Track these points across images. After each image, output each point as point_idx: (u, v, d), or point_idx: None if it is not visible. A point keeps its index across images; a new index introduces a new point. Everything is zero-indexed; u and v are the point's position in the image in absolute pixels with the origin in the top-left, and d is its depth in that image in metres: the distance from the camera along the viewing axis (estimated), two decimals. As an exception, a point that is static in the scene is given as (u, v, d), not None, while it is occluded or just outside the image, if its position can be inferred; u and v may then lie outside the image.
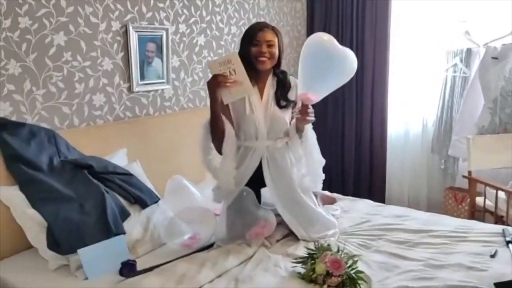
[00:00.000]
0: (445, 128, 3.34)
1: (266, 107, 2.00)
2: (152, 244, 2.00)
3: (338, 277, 1.59)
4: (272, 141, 2.01)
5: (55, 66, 2.18)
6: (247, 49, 1.97)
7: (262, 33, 1.97)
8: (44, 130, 2.07)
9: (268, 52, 1.95)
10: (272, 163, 2.01)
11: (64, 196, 1.88)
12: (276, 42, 1.98)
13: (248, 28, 2.05)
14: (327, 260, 1.61)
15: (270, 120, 1.99)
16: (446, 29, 3.32)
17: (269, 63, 1.98)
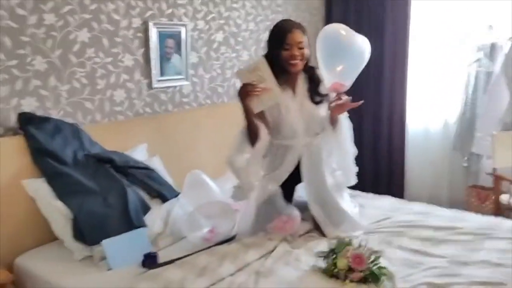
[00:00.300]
0: (468, 125, 3.27)
1: (301, 105, 2.00)
2: (173, 238, 2.02)
3: (360, 272, 1.58)
4: (310, 138, 2.01)
5: (79, 62, 2.22)
6: (278, 53, 1.94)
7: (292, 35, 1.92)
8: (68, 125, 2.11)
9: (300, 54, 1.94)
10: (309, 160, 2.01)
11: (88, 189, 1.92)
12: (306, 42, 1.96)
13: (276, 29, 2.00)
14: (349, 255, 1.60)
15: (306, 118, 1.99)
16: (470, 23, 3.25)
17: (301, 65, 1.97)
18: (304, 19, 3.65)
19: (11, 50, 1.97)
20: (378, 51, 3.55)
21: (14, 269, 1.87)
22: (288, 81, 2.01)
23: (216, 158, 2.81)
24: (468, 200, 3.28)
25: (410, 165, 3.56)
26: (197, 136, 2.75)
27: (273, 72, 1.87)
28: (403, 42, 3.42)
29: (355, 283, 1.58)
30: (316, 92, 2.02)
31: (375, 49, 3.56)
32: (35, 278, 1.79)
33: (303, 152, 2.01)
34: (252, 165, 1.95)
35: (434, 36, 3.39)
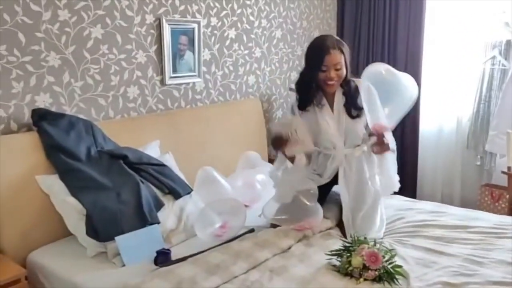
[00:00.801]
0: (482, 123, 3.23)
1: (339, 120, 2.00)
2: (186, 234, 2.03)
3: (375, 271, 1.57)
4: (350, 149, 2.02)
5: (93, 58, 2.23)
6: (315, 74, 1.95)
7: (329, 57, 1.91)
8: (82, 121, 2.12)
9: (336, 76, 1.94)
10: (349, 169, 2.02)
11: (101, 185, 1.92)
12: (343, 61, 1.95)
13: (314, 48, 1.98)
14: (364, 253, 1.59)
15: (345, 132, 2.00)
16: (485, 20, 3.20)
17: (337, 84, 1.98)
18: (316, 15, 3.63)
19: (25, 46, 1.98)
20: (392, 49, 3.53)
21: (28, 264, 1.89)
22: (326, 97, 2.03)
23: (228, 155, 2.82)
24: (481, 199, 3.24)
25: (422, 164, 3.53)
26: (209, 133, 2.75)
27: (310, 90, 1.97)
28: (417, 39, 3.38)
29: (369, 281, 1.57)
30: (354, 105, 2.00)
31: (389, 47, 3.57)
32: (49, 273, 1.81)
33: (342, 162, 2.02)
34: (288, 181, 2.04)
35: (449, 34, 3.35)
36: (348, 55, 1.99)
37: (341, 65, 1.94)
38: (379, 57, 3.58)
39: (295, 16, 3.43)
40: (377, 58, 3.59)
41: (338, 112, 2.01)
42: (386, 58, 3.55)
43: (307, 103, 2.02)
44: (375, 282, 1.57)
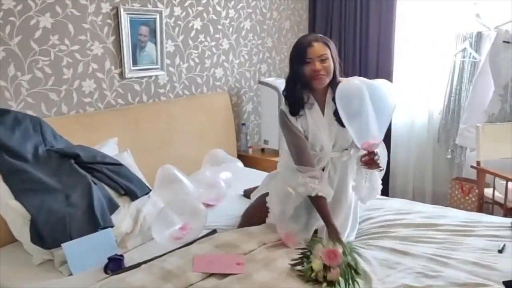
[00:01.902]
0: (453, 117, 3.20)
1: (329, 124, 1.88)
2: (142, 238, 1.92)
3: (337, 268, 1.50)
4: (337, 153, 1.91)
5: (41, 50, 2.08)
6: (301, 70, 1.82)
7: (312, 48, 1.80)
8: (29, 117, 1.97)
9: (323, 69, 1.81)
10: (333, 172, 1.91)
11: (48, 187, 1.79)
12: (328, 54, 1.82)
13: (296, 45, 1.88)
14: (321, 254, 1.52)
15: (335, 137, 1.88)
16: (455, 11, 3.15)
17: (327, 79, 1.84)
18: (287, 6, 3.53)
19: (-36, 37, 1.83)
20: (364, 39, 3.46)
21: (-30, 272, 1.75)
22: (317, 97, 1.89)
23: (193, 153, 2.71)
24: (451, 193, 3.23)
25: (395, 158, 3.49)
26: (173, 129, 2.64)
27: (298, 90, 1.83)
28: (388, 31, 3.33)
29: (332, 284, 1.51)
30: None
31: (360, 36, 3.50)
32: (-8, 282, 1.68)
33: (328, 164, 1.91)
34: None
35: (420, 26, 3.30)
36: (335, 50, 1.87)
37: (326, 56, 1.81)
38: (351, 48, 3.51)
39: (264, 6, 3.32)
40: (349, 49, 3.52)
41: (329, 116, 1.88)
42: (357, 48, 3.49)
43: (299, 106, 1.86)
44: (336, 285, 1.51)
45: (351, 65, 3.49)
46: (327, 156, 1.90)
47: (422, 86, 3.35)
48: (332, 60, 1.84)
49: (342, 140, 1.90)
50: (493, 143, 2.73)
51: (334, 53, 1.86)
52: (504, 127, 2.80)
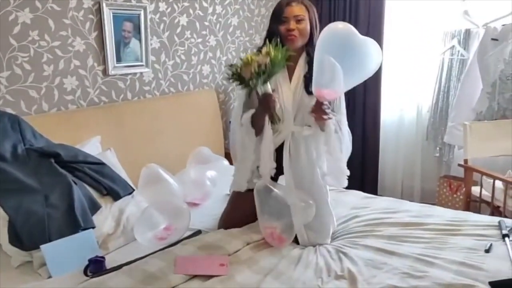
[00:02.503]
0: (441, 114, 3.20)
1: (295, 90, 1.82)
2: (125, 239, 1.87)
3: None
4: (298, 127, 1.84)
5: (20, 46, 2.02)
6: (276, 28, 1.80)
7: (290, 8, 1.79)
8: (8, 115, 1.91)
9: (297, 29, 1.78)
10: (294, 150, 1.84)
11: (27, 187, 1.74)
12: (306, 16, 1.80)
13: (276, 5, 1.86)
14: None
15: (297, 105, 1.81)
16: (444, 8, 3.14)
17: (300, 40, 1.80)
18: (276, 1, 3.47)
19: None
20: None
21: None
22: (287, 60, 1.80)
23: (179, 151, 2.66)
24: (440, 191, 3.23)
25: (383, 156, 3.48)
26: (159, 127, 2.59)
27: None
28: (377, 28, 3.30)
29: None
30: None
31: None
32: (-32, 286, 1.62)
33: (288, 139, 1.83)
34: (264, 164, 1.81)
35: (409, 23, 3.28)
36: (314, 15, 1.84)
37: (303, 17, 1.79)
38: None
39: (252, 3, 3.28)
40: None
41: (296, 83, 1.83)
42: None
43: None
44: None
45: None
46: (287, 129, 1.83)
47: (410, 84, 3.35)
48: (310, 24, 1.81)
49: (305, 112, 1.81)
50: (481, 141, 2.72)
51: (313, 17, 1.83)
52: (492, 125, 2.80)
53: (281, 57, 1.70)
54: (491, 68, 2.84)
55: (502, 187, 2.48)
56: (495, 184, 2.49)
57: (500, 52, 2.80)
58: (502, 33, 2.81)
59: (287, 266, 1.65)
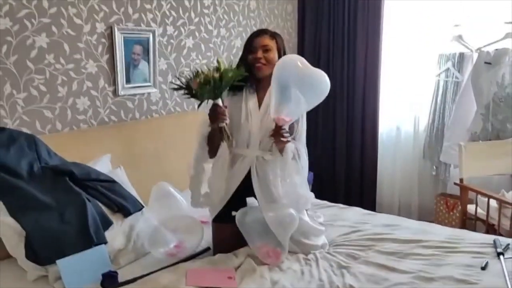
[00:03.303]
0: (437, 134, 3.31)
1: (263, 116, 1.93)
2: (135, 254, 1.94)
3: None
4: (262, 152, 1.94)
5: (37, 68, 2.12)
6: (245, 57, 1.94)
7: (259, 39, 1.93)
8: (24, 135, 2.00)
9: (263, 58, 1.91)
10: (261, 173, 1.93)
11: (43, 204, 1.81)
12: (273, 46, 1.93)
13: (248, 37, 2.01)
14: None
15: (265, 130, 1.91)
16: (439, 32, 3.28)
17: (266, 69, 1.92)
18: (277, 24, 3.62)
19: (-39, 56, 1.86)
20: (351, 63, 3.57)
21: (-37, 289, 1.76)
22: (258, 88, 1.97)
23: (185, 168, 2.73)
24: (437, 209, 3.32)
25: (381, 173, 3.58)
26: (165, 146, 2.67)
27: (244, 80, 1.89)
28: (375, 50, 3.44)
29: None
30: None
31: (348, 58, 3.61)
32: (-15, 299, 1.68)
33: (254, 163, 1.93)
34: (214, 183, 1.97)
35: (405, 46, 3.42)
36: (282, 45, 1.97)
37: (270, 47, 1.92)
38: (339, 66, 3.61)
39: (255, 25, 3.41)
40: (337, 67, 3.62)
41: (265, 110, 1.93)
42: (345, 67, 3.59)
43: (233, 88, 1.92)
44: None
45: (339, 88, 3.59)
46: (252, 154, 1.92)
47: (408, 104, 3.47)
48: (279, 54, 1.93)
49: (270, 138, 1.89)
50: (476, 161, 2.83)
51: (282, 47, 1.96)
52: (486, 146, 2.91)
53: (231, 74, 1.81)
54: (485, 90, 2.96)
55: (497, 205, 2.57)
56: (489, 203, 2.58)
57: (493, 76, 2.93)
58: (495, 57, 2.94)
59: (290, 281, 1.72)
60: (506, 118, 2.96)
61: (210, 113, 1.87)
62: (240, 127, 1.94)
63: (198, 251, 1.97)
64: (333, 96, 3.60)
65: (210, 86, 1.78)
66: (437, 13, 3.27)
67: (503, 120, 2.96)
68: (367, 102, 3.53)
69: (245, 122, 1.93)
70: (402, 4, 3.40)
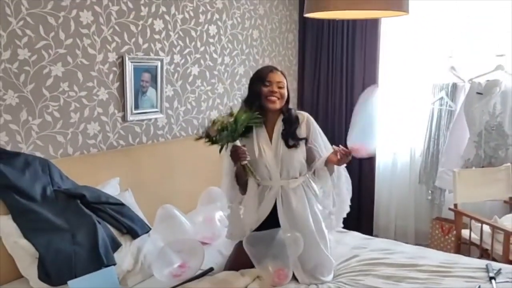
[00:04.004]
0: (432, 160, 3.42)
1: (276, 148, 2.05)
2: (143, 275, 2.02)
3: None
4: (286, 181, 2.05)
5: (52, 96, 2.23)
6: (259, 89, 2.05)
7: (273, 74, 2.07)
8: (38, 159, 2.09)
9: (278, 93, 2.04)
10: (286, 203, 2.04)
11: (56, 226, 1.90)
12: (285, 84, 2.08)
13: (258, 71, 2.16)
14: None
15: (281, 161, 2.03)
16: (433, 63, 3.44)
17: (279, 103, 2.06)
18: (278, 53, 3.77)
19: (-19, 85, 1.96)
20: (350, 90, 3.71)
21: (-25, 308, 1.82)
22: (266, 122, 2.09)
23: (190, 191, 2.83)
24: (432, 233, 3.40)
25: (378, 198, 3.67)
26: (171, 169, 2.76)
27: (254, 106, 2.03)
28: (372, 81, 3.58)
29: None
30: (291, 134, 2.06)
31: (346, 87, 3.75)
32: (-3, 319, 1.75)
33: (279, 193, 2.05)
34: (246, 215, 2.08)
35: (401, 75, 3.58)
36: (288, 85, 2.13)
37: (283, 85, 2.06)
38: (338, 95, 3.75)
39: (257, 53, 3.56)
40: (336, 95, 3.75)
41: (276, 141, 2.06)
42: (344, 95, 3.72)
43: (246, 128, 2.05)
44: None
45: (338, 116, 3.72)
46: (276, 184, 2.05)
47: (404, 130, 3.59)
48: (287, 90, 2.09)
49: (288, 166, 2.04)
50: (469, 187, 2.93)
51: (288, 86, 2.12)
52: (479, 173, 3.02)
53: (245, 117, 1.95)
54: (477, 119, 3.09)
55: (490, 231, 2.66)
56: (483, 228, 2.67)
57: (485, 105, 3.06)
58: (486, 88, 3.09)
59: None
60: (498, 146, 3.09)
61: (231, 154, 2.00)
62: (257, 162, 2.05)
63: (201, 272, 2.05)
64: (331, 122, 3.73)
65: (227, 131, 1.91)
66: (431, 45, 3.43)
67: (495, 148, 3.08)
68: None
69: (259, 158, 2.04)
70: (398, 38, 3.57)
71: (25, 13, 2.07)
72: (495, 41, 3.18)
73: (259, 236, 1.99)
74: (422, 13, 3.32)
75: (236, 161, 1.99)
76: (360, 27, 3.59)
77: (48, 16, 2.15)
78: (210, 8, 3.07)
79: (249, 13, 3.41)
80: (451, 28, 3.34)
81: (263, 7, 3.54)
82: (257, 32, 3.52)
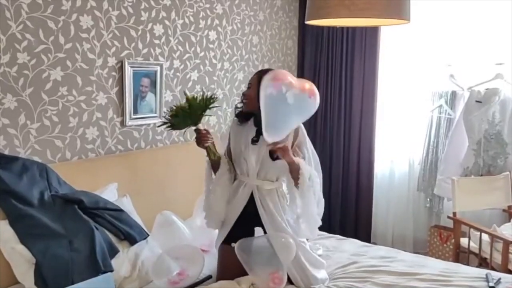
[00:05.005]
0: (431, 167, 3.42)
1: (259, 148, 2.04)
2: (140, 282, 2.00)
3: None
4: (261, 181, 2.05)
5: (51, 100, 2.21)
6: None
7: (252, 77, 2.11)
8: (36, 164, 2.07)
9: (246, 94, 2.06)
10: (264, 202, 2.04)
11: (53, 232, 1.87)
12: (254, 83, 2.02)
13: None
14: None
15: (261, 163, 2.04)
16: (432, 72, 3.45)
17: (246, 105, 2.07)
18: (278, 59, 3.77)
19: (-20, 88, 1.95)
20: (348, 98, 3.72)
21: (-30, 315, 1.80)
22: (255, 122, 2.09)
23: (188, 197, 2.81)
24: (430, 240, 3.39)
25: (376, 206, 3.67)
26: (169, 174, 2.75)
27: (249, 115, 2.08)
28: (371, 88, 3.58)
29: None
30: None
31: (345, 93, 3.76)
32: (-8, 325, 1.72)
33: (255, 191, 2.05)
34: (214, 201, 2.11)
35: (400, 83, 3.59)
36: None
37: (251, 85, 2.05)
38: (337, 102, 3.75)
39: (257, 59, 3.55)
40: (335, 102, 3.75)
41: (260, 143, 2.04)
42: (343, 102, 3.72)
43: (240, 117, 2.14)
44: None
45: (336, 122, 3.73)
46: (251, 182, 2.06)
47: (403, 138, 3.60)
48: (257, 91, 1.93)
49: (266, 168, 2.03)
50: (468, 195, 2.93)
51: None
52: (478, 181, 3.02)
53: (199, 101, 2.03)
54: (476, 127, 3.10)
55: (489, 240, 2.66)
56: (482, 237, 2.67)
57: (484, 114, 3.07)
58: (486, 96, 3.09)
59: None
60: (497, 154, 3.09)
61: (196, 138, 2.08)
62: (239, 156, 2.09)
63: (199, 279, 2.03)
64: (330, 130, 3.73)
65: (181, 116, 1.97)
66: (430, 53, 3.44)
67: (494, 156, 3.08)
68: (363, 138, 3.65)
69: (243, 151, 2.07)
70: (397, 46, 3.58)
71: (25, 17, 2.06)
72: (494, 50, 3.19)
73: (249, 242, 1.97)
74: (421, 21, 3.33)
75: (199, 143, 2.07)
76: (359, 35, 3.59)
77: (48, 20, 2.15)
78: (210, 14, 3.07)
79: (249, 19, 3.42)
80: (450, 36, 3.35)
81: (263, 13, 3.54)
82: (257, 38, 3.52)
